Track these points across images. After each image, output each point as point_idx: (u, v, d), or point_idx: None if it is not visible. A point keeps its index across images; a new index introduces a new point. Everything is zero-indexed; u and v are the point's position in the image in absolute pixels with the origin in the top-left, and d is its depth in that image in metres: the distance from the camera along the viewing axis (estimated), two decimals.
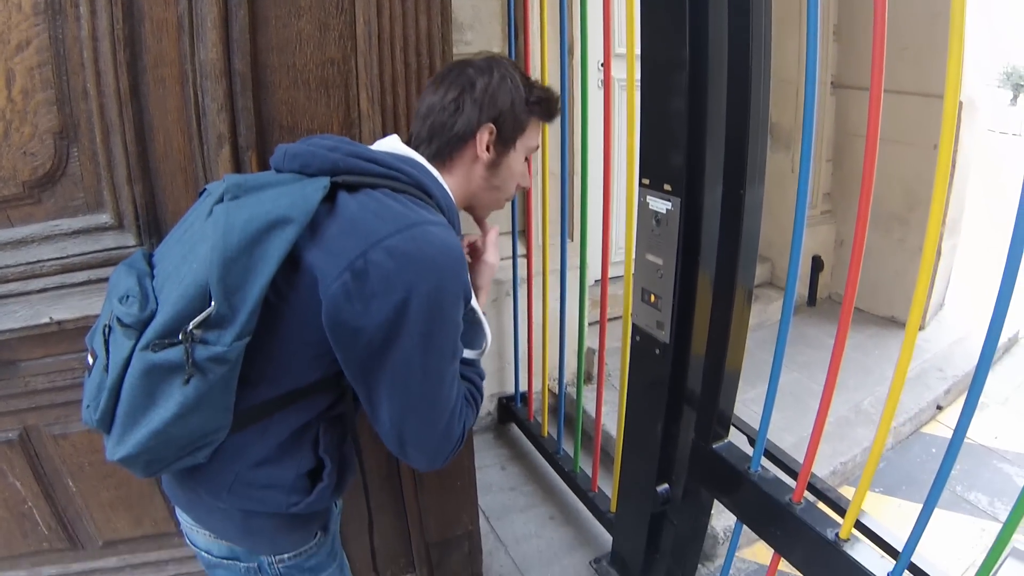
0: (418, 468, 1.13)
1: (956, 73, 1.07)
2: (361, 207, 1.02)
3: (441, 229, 1.03)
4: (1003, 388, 3.63)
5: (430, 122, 1.20)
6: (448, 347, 1.05)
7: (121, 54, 1.37)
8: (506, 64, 1.24)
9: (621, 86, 3.11)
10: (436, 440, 1.08)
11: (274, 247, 0.96)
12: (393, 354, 0.99)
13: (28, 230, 1.47)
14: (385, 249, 0.96)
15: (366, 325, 0.97)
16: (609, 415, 2.74)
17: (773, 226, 3.87)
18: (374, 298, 0.96)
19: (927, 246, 1.17)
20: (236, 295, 0.95)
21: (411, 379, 1.02)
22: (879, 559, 1.40)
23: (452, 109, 1.18)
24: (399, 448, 1.09)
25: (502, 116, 1.20)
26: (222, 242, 0.94)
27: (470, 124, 1.18)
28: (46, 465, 1.70)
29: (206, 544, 1.25)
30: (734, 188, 1.50)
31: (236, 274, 0.94)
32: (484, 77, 1.19)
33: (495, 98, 1.19)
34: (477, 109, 1.18)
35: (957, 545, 2.48)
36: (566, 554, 2.52)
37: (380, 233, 0.97)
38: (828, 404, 1.44)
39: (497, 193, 1.30)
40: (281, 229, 0.96)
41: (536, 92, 1.25)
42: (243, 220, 0.96)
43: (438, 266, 0.99)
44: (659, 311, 1.75)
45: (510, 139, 1.23)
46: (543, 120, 1.30)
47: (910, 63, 3.54)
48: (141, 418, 0.98)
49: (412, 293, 0.96)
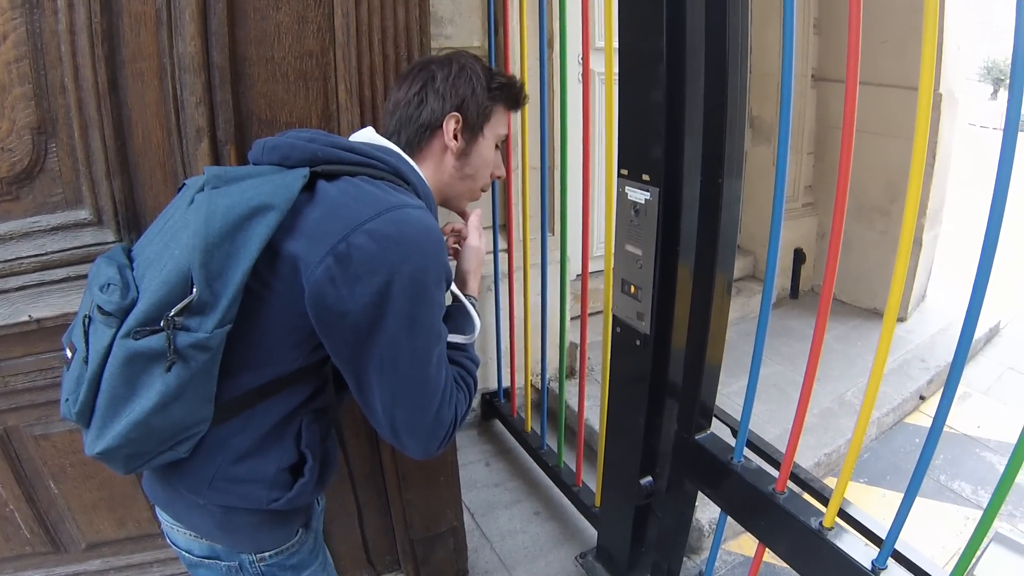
0: (413, 456, 1.13)
1: (930, 63, 1.08)
2: (341, 193, 1.03)
3: (420, 212, 1.04)
4: (985, 377, 3.67)
5: (397, 116, 1.25)
6: (434, 327, 1.07)
7: (99, 48, 1.36)
8: (466, 57, 1.29)
9: (600, 79, 3.11)
10: (428, 424, 1.09)
11: (256, 233, 0.96)
12: (379, 336, 1.00)
13: (6, 227, 1.46)
14: (367, 232, 0.97)
15: (351, 308, 0.98)
16: (592, 409, 2.74)
17: (755, 219, 3.90)
18: (358, 281, 0.96)
19: (903, 237, 1.17)
20: (218, 281, 0.95)
21: (399, 360, 1.02)
22: (863, 547, 1.41)
23: (416, 102, 1.23)
24: (392, 435, 1.09)
25: (465, 104, 1.24)
26: (204, 228, 0.94)
27: (434, 114, 1.23)
28: (27, 466, 1.68)
29: (187, 543, 1.24)
30: (712, 178, 1.51)
31: (218, 260, 0.95)
32: (444, 69, 1.24)
33: (456, 87, 1.23)
34: (440, 99, 1.22)
35: (942, 534, 2.50)
36: (552, 549, 2.53)
37: (361, 217, 0.98)
38: (809, 393, 1.44)
39: (471, 182, 1.32)
40: (263, 216, 0.97)
41: (497, 79, 1.29)
42: (224, 207, 0.96)
43: (419, 247, 1.00)
44: (639, 302, 1.76)
45: (477, 127, 1.27)
46: (509, 108, 1.34)
47: (891, 56, 3.56)
48: (122, 409, 0.97)
49: (395, 275, 0.98)
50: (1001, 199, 1.04)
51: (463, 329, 1.24)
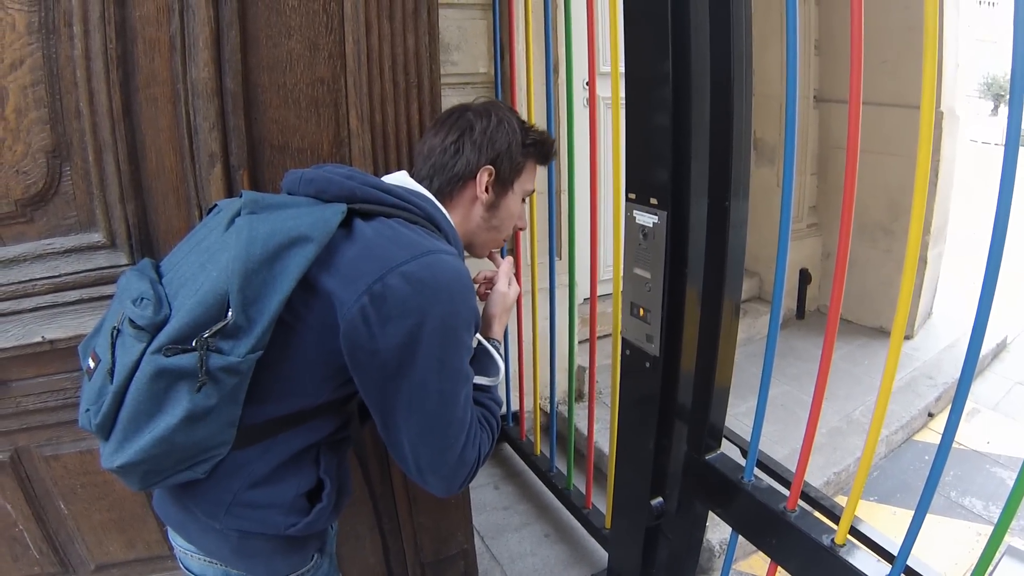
0: (436, 493, 1.14)
1: (931, 82, 1.09)
2: (377, 234, 1.05)
3: (453, 258, 1.06)
4: (994, 393, 3.66)
5: (432, 162, 1.25)
6: (462, 369, 1.08)
7: (114, 73, 1.39)
8: (503, 109, 1.30)
9: (606, 104, 3.13)
10: (452, 464, 1.09)
11: (294, 264, 0.98)
12: (409, 376, 1.02)
13: (20, 249, 1.47)
14: (402, 274, 0.99)
15: (381, 347, 0.99)
16: (601, 432, 2.73)
17: (760, 240, 3.90)
18: (389, 321, 0.98)
19: (909, 254, 1.18)
20: (254, 307, 0.96)
21: (427, 401, 1.04)
22: (876, 564, 1.40)
23: (453, 151, 1.24)
24: (417, 473, 1.10)
25: (500, 158, 1.25)
26: (244, 253, 0.96)
27: (469, 165, 1.24)
28: (37, 487, 1.68)
29: (200, 569, 1.24)
30: (719, 200, 1.52)
31: (255, 286, 0.96)
32: (483, 120, 1.25)
33: (493, 140, 1.24)
34: (476, 151, 1.23)
35: (954, 550, 2.48)
36: (562, 572, 2.52)
37: (397, 259, 1.00)
38: (819, 409, 1.44)
39: (495, 233, 1.34)
40: (301, 247, 0.99)
41: (532, 135, 1.30)
42: (265, 233, 0.98)
43: (451, 292, 1.03)
44: (648, 324, 1.76)
45: (508, 181, 1.28)
46: (538, 163, 1.35)
47: (890, 75, 3.59)
48: (145, 424, 0.98)
49: (427, 317, 1.00)
50: (1004, 214, 1.04)
51: (487, 371, 1.25)
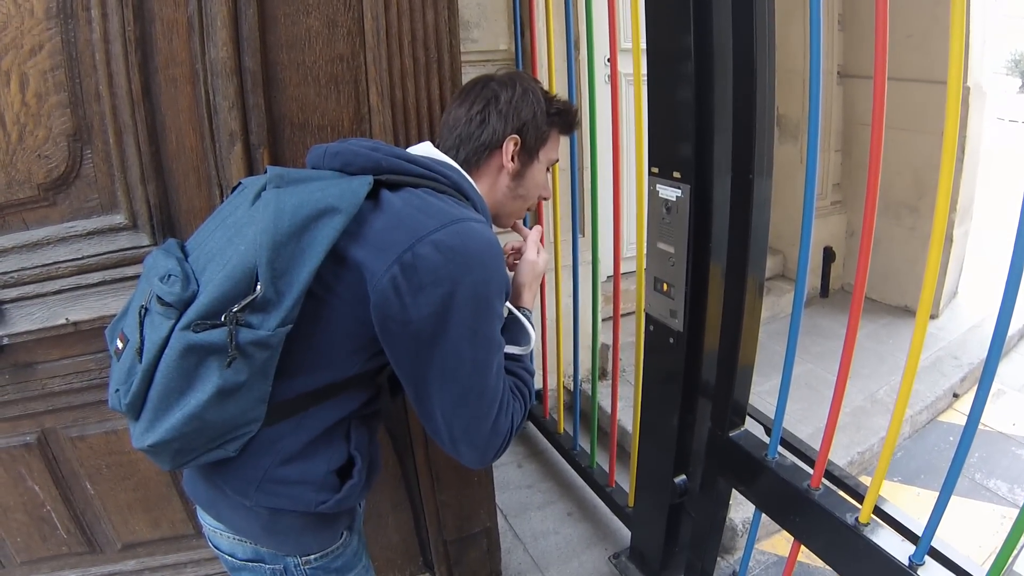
0: (470, 465, 1.14)
1: (958, 57, 1.06)
2: (405, 203, 1.05)
3: (482, 226, 1.06)
4: (1020, 374, 3.60)
5: (457, 132, 1.25)
6: (494, 338, 1.08)
7: (133, 55, 1.39)
8: (527, 78, 1.30)
9: (628, 80, 3.11)
10: (486, 433, 1.09)
11: (322, 235, 0.97)
12: (441, 346, 1.01)
13: (43, 232, 1.48)
14: (432, 243, 0.98)
15: (414, 317, 0.99)
16: (624, 410, 2.74)
17: (783, 218, 3.86)
18: (421, 291, 0.98)
19: (935, 233, 1.16)
20: (283, 279, 0.96)
21: (460, 370, 1.04)
22: (900, 543, 1.39)
23: (479, 121, 1.23)
24: (451, 443, 1.10)
25: (525, 127, 1.25)
26: (272, 225, 0.96)
27: (496, 135, 1.23)
28: (64, 468, 1.71)
29: (230, 547, 1.24)
30: (743, 174, 1.50)
31: (284, 258, 0.96)
32: (508, 90, 1.25)
33: (519, 110, 1.24)
34: (502, 121, 1.23)
35: (978, 532, 2.46)
36: (584, 550, 2.52)
37: (426, 228, 1.00)
38: (843, 387, 1.43)
39: (521, 202, 1.34)
40: (329, 218, 0.98)
41: (556, 104, 1.30)
42: (293, 206, 0.98)
43: (482, 260, 1.02)
44: (672, 299, 1.75)
45: (533, 150, 1.28)
46: (563, 133, 1.35)
47: (915, 50, 3.52)
48: (175, 402, 0.98)
49: (458, 286, 0.99)
50: None
51: (518, 340, 1.25)
